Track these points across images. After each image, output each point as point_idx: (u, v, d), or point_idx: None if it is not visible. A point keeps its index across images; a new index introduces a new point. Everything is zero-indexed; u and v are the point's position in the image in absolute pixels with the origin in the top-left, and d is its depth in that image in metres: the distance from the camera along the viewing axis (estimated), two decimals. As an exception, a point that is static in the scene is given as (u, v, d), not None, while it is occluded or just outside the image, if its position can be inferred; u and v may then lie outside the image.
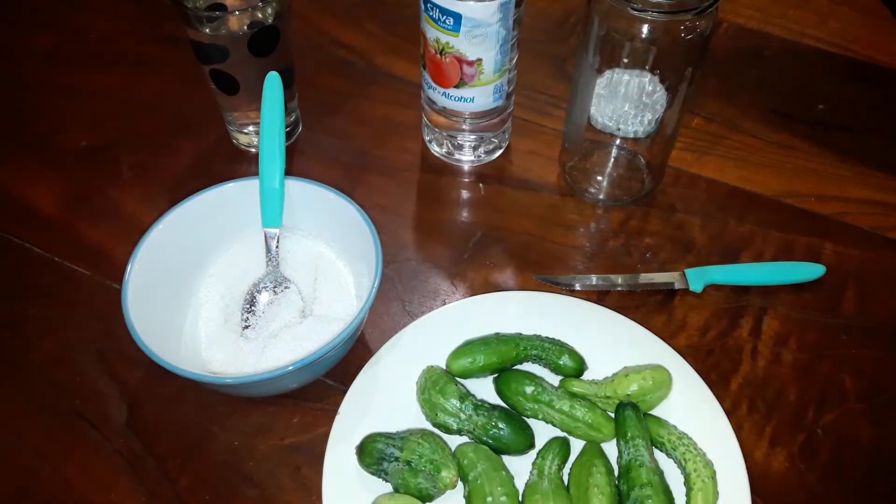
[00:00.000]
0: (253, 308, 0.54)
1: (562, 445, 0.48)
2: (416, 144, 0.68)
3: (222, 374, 0.50)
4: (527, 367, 0.52)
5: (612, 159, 0.65)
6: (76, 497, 0.48)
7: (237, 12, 0.57)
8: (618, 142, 0.63)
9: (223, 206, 0.55)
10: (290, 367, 0.44)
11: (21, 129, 0.71)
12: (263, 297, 0.54)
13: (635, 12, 0.49)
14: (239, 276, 0.56)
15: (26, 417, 0.52)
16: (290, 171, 0.55)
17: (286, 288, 0.55)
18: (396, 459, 0.46)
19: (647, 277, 0.58)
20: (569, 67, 0.75)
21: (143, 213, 0.63)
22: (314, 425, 0.51)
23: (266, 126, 0.54)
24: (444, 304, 0.56)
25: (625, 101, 0.59)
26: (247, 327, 0.53)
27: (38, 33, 0.79)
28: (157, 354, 0.45)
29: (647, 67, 0.54)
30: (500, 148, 0.67)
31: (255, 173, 0.54)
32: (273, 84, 0.54)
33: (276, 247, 0.55)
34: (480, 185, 0.66)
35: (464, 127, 0.64)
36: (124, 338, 0.55)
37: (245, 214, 0.55)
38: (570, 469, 0.48)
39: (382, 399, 0.50)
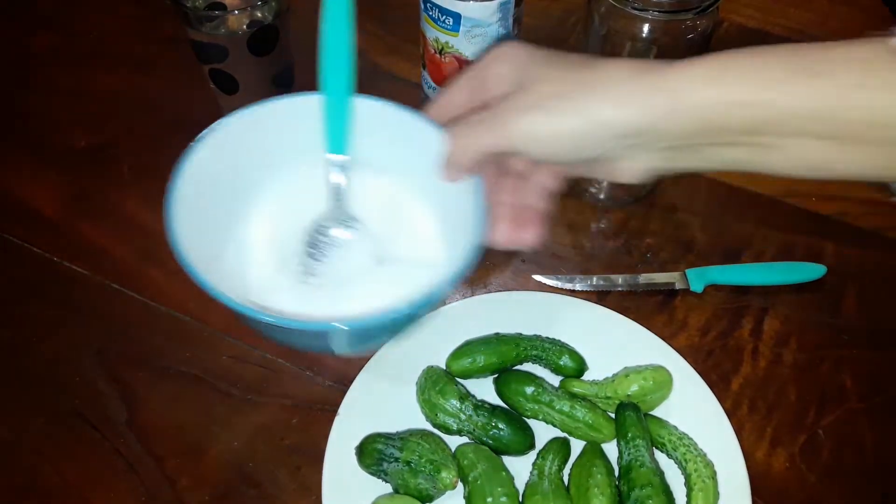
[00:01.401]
0: (314, 251, 0.45)
1: (562, 446, 0.48)
2: (417, 144, 0.68)
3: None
4: (527, 367, 0.52)
5: (613, 159, 0.65)
6: (76, 497, 0.48)
7: (236, 12, 0.57)
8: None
9: (272, 128, 0.44)
10: (387, 313, 0.36)
11: (21, 129, 0.71)
12: (327, 239, 0.45)
13: (636, 12, 0.49)
14: (294, 214, 0.46)
15: (26, 417, 0.52)
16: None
17: (354, 228, 0.45)
18: (396, 460, 0.45)
19: (647, 277, 0.58)
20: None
21: (143, 213, 0.63)
22: (314, 425, 0.50)
23: (332, 19, 0.43)
24: (444, 304, 0.56)
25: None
26: (307, 274, 0.44)
27: (38, 33, 0.79)
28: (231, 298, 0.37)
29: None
30: (501, 148, 0.67)
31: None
32: None
33: (343, 178, 0.44)
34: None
35: (464, 127, 0.64)
36: (124, 338, 0.56)
37: (301, 138, 0.45)
38: (571, 470, 0.48)
39: (382, 399, 0.50)
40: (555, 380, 0.52)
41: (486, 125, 0.37)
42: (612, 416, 0.49)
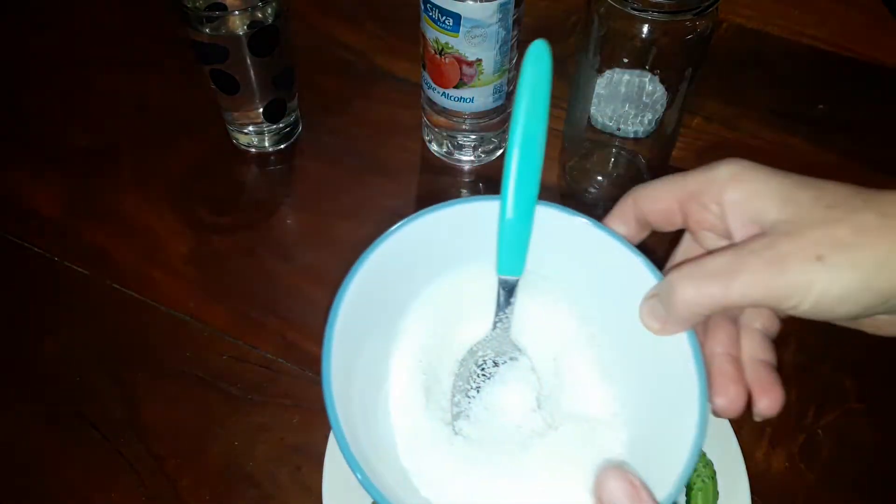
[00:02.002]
0: (469, 387, 0.36)
1: (562, 446, 0.48)
2: (416, 144, 0.68)
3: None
4: (527, 367, 0.52)
5: (613, 159, 0.65)
6: (76, 497, 0.48)
7: (237, 12, 0.57)
8: (618, 142, 0.63)
9: (432, 238, 0.37)
10: None
11: (21, 130, 0.71)
12: (485, 374, 0.37)
13: (635, 12, 0.49)
14: (441, 339, 0.38)
15: (26, 417, 0.52)
16: (288, 170, 0.55)
17: (514, 360, 0.37)
18: (396, 460, 0.45)
19: (647, 278, 0.58)
20: (569, 67, 0.75)
21: (143, 214, 0.63)
22: (314, 425, 0.50)
23: (526, 118, 0.34)
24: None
25: (625, 101, 0.59)
26: (462, 416, 0.36)
27: (38, 33, 0.79)
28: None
29: (647, 67, 0.54)
30: (501, 148, 0.67)
31: (256, 174, 0.54)
32: (539, 58, 0.34)
33: (512, 302, 0.37)
34: (480, 184, 0.66)
35: (464, 127, 0.64)
36: (125, 338, 0.56)
37: (457, 249, 0.37)
38: (571, 469, 0.47)
39: (382, 399, 0.50)
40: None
41: (739, 275, 0.29)
42: (612, 416, 0.49)
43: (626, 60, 0.54)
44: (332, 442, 0.48)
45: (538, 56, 0.34)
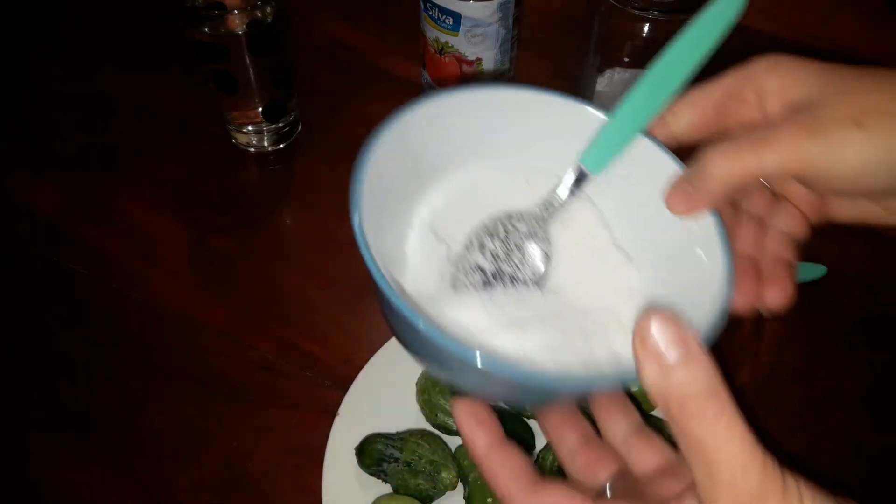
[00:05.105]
0: (492, 245, 0.37)
1: (562, 446, 0.48)
2: (417, 144, 0.68)
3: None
4: (527, 367, 0.52)
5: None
6: (76, 497, 0.48)
7: (236, 12, 0.57)
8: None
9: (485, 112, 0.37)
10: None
11: (21, 130, 0.71)
12: (513, 238, 0.37)
13: (636, 11, 0.49)
14: (461, 212, 0.38)
15: (26, 418, 0.52)
16: (287, 169, 0.55)
17: (543, 251, 0.37)
18: (396, 460, 0.45)
19: (647, 277, 0.58)
20: (569, 67, 0.75)
21: (142, 214, 0.63)
22: (314, 426, 0.50)
23: (705, 29, 0.35)
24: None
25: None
26: (476, 271, 0.36)
27: (38, 33, 0.79)
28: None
29: (647, 66, 0.54)
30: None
31: (255, 174, 0.53)
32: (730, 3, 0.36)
33: (574, 193, 0.36)
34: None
35: (464, 127, 0.64)
36: (124, 338, 0.56)
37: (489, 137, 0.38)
38: (571, 469, 0.47)
39: (382, 399, 0.50)
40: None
41: (773, 142, 0.29)
42: (613, 416, 0.49)
43: (626, 59, 0.54)
44: (331, 442, 0.48)
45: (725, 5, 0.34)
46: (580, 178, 0.36)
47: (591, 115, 0.36)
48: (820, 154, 0.28)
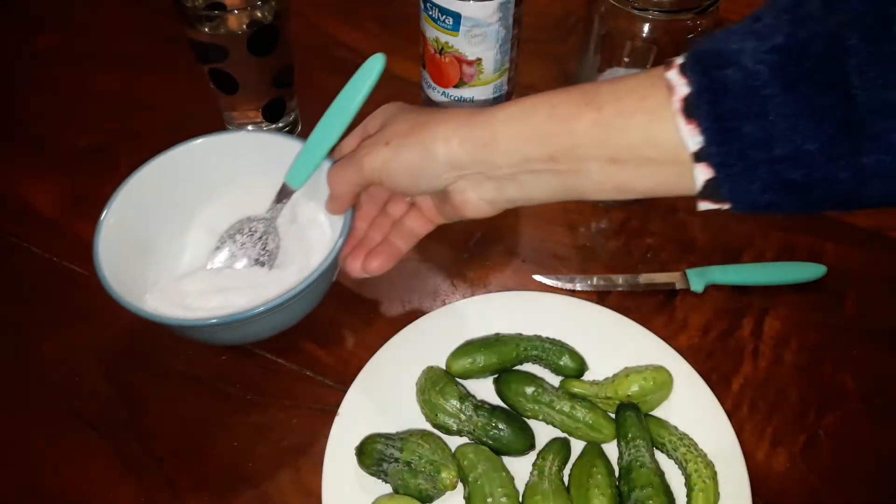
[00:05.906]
0: (233, 239, 0.55)
1: (562, 446, 0.48)
2: (417, 144, 0.68)
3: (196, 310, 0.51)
4: (527, 367, 0.52)
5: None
6: (76, 497, 0.48)
7: (236, 11, 0.57)
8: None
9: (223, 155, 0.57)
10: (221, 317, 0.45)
11: (21, 129, 0.71)
12: (248, 231, 0.55)
13: (636, 11, 0.49)
14: (232, 214, 0.57)
15: (26, 418, 0.52)
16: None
17: (268, 236, 0.55)
18: (396, 460, 0.45)
19: (647, 278, 0.58)
20: (569, 67, 0.75)
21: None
22: (314, 426, 0.50)
23: (355, 86, 0.49)
24: (444, 304, 0.56)
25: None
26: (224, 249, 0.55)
27: (38, 33, 0.79)
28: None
29: (647, 67, 0.54)
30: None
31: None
32: (369, 70, 0.48)
33: (284, 203, 0.54)
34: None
35: (464, 127, 0.64)
36: (124, 338, 0.56)
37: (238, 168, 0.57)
38: (571, 470, 0.47)
39: (382, 399, 0.50)
40: (555, 380, 0.52)
41: (350, 162, 0.45)
42: (613, 416, 0.49)
43: (626, 60, 0.54)
44: (331, 443, 0.48)
45: (370, 68, 0.47)
46: (286, 191, 0.53)
47: (298, 146, 0.53)
48: (369, 168, 0.44)
